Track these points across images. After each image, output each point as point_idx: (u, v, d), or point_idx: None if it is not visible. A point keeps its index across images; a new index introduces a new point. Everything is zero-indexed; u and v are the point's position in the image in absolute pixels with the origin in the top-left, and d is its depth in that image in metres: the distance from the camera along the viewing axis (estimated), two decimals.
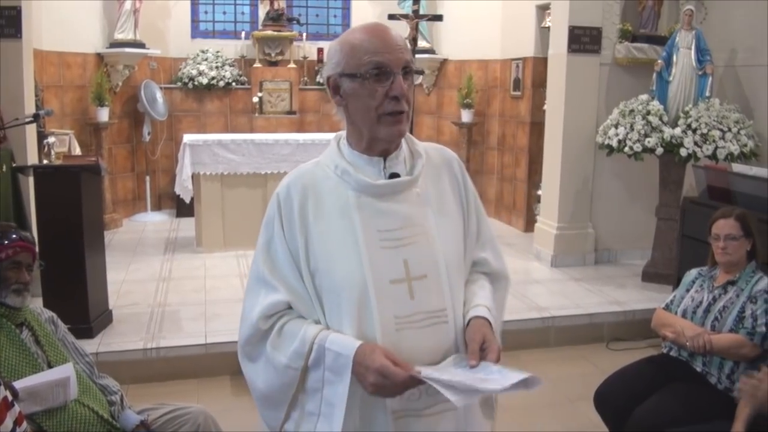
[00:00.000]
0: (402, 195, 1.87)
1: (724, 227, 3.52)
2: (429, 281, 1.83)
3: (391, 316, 1.79)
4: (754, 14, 6.49)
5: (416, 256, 1.84)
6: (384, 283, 1.80)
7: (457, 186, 2.01)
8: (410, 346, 1.78)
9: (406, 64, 1.80)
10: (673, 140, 6.11)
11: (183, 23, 9.74)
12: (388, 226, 1.84)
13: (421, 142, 2.03)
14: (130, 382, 4.45)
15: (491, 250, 2.06)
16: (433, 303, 1.83)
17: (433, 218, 1.89)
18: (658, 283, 6.41)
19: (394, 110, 1.79)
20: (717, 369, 3.35)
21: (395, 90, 1.78)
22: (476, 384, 1.66)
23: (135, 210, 9.31)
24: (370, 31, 1.82)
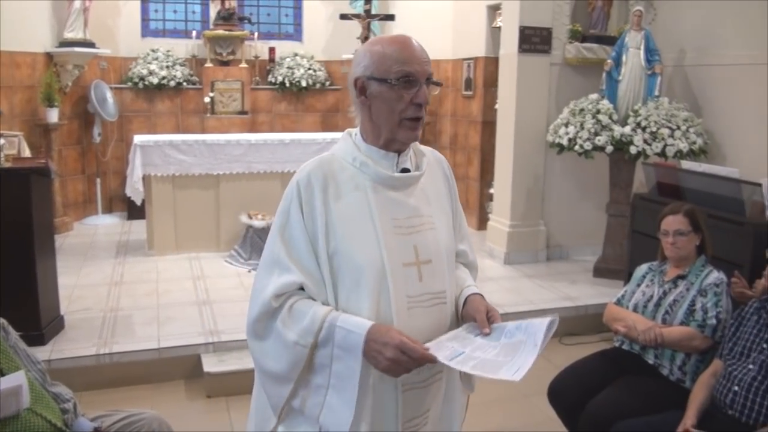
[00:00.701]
0: (410, 188, 2.09)
1: (673, 223, 3.59)
2: (433, 266, 2.05)
3: (404, 296, 1.98)
4: (702, 15, 6.63)
5: (423, 242, 2.05)
6: (398, 266, 1.99)
7: (447, 184, 2.24)
8: (418, 323, 1.99)
9: (430, 76, 2.01)
10: (622, 138, 6.21)
11: (133, 22, 9.60)
12: (401, 214, 2.04)
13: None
14: (83, 389, 4.38)
15: (468, 244, 2.31)
16: (437, 285, 2.05)
17: (434, 210, 2.12)
18: (609, 279, 6.52)
19: (415, 116, 1.99)
20: (669, 361, 3.42)
21: (419, 98, 1.97)
22: (515, 349, 1.88)
23: (86, 213, 9.15)
24: (400, 42, 2.02)
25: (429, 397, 2.08)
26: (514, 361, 1.84)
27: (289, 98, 10.05)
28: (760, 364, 2.89)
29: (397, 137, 2.01)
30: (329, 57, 10.24)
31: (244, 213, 7.12)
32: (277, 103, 10.00)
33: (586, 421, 3.28)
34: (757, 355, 2.93)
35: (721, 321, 3.32)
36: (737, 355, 3.03)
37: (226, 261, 7.05)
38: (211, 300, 5.84)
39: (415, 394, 2.04)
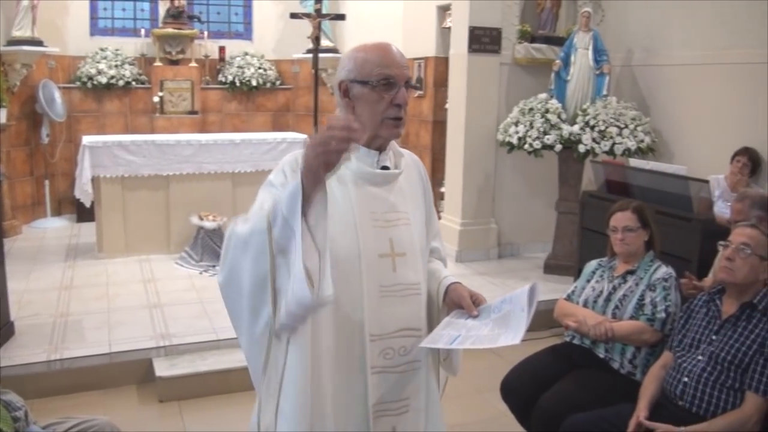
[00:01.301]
0: (389, 185, 2.20)
1: (622, 219, 3.65)
2: (407, 258, 2.17)
3: (377, 285, 2.11)
4: (649, 16, 6.77)
5: (399, 236, 2.17)
6: (373, 256, 2.11)
7: (422, 185, 2.35)
8: (390, 311, 2.12)
9: (408, 79, 2.13)
10: (571, 137, 6.30)
11: (82, 20, 9.45)
12: (379, 208, 2.16)
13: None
14: (34, 397, 4.27)
15: (440, 241, 2.46)
16: (410, 277, 2.17)
17: (409, 207, 2.23)
18: (560, 275, 6.60)
19: (396, 116, 2.11)
20: (619, 354, 3.47)
21: (399, 99, 2.09)
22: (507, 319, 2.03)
23: (35, 216, 8.95)
24: (382, 48, 2.14)
25: (406, 385, 2.18)
26: (509, 329, 1.99)
27: (240, 98, 9.99)
28: (709, 356, 2.95)
29: (380, 134, 2.12)
30: (280, 56, 10.20)
31: (194, 214, 7.06)
32: (228, 103, 9.93)
33: (538, 415, 3.31)
34: (706, 347, 2.99)
35: (670, 315, 3.39)
36: (687, 347, 3.09)
37: (177, 263, 6.97)
38: (162, 303, 5.78)
39: (386, 378, 2.13)
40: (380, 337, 2.11)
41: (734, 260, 2.99)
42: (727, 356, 2.90)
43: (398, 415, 2.18)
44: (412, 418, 2.20)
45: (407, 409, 2.19)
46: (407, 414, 2.19)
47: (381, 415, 2.14)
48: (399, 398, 2.17)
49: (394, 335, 2.13)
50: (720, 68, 6.04)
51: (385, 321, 2.11)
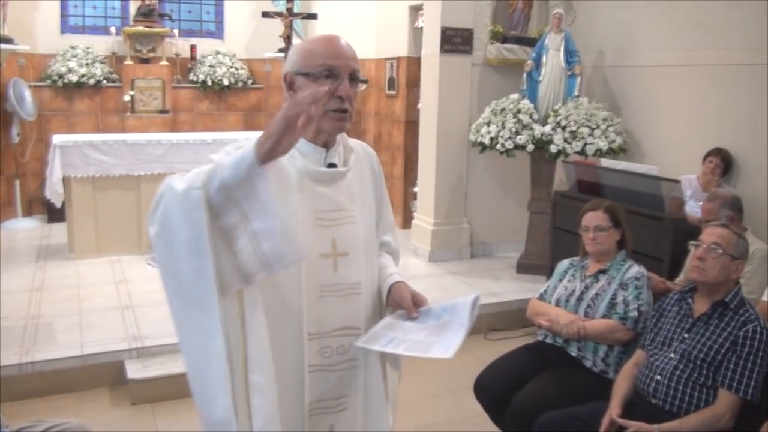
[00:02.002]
0: (336, 183, 2.16)
1: (594, 219, 3.69)
2: (350, 258, 2.15)
3: (317, 285, 2.09)
4: (620, 18, 6.83)
5: (342, 235, 2.14)
6: (314, 256, 2.08)
7: (374, 179, 2.34)
8: (328, 311, 2.11)
9: (353, 72, 2.08)
10: (543, 137, 6.35)
11: (52, 18, 9.32)
12: (323, 207, 2.13)
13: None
14: (5, 400, 4.23)
15: (392, 235, 2.45)
16: (352, 277, 2.15)
17: (357, 205, 2.20)
18: (532, 274, 6.65)
19: (338, 108, 2.05)
20: (592, 353, 3.50)
21: (340, 91, 2.03)
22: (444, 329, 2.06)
23: (4, 216, 8.81)
24: (327, 40, 2.12)
25: (345, 383, 2.17)
26: (444, 340, 2.00)
27: (211, 97, 9.93)
28: (681, 353, 2.99)
29: (324, 128, 2.08)
30: (251, 55, 10.15)
31: None
32: (199, 102, 9.87)
33: (512, 414, 3.33)
34: (678, 345, 3.03)
35: (642, 313, 3.43)
36: (659, 345, 3.13)
37: (149, 264, 6.91)
38: (134, 304, 5.73)
39: (324, 377, 2.13)
40: (318, 336, 2.10)
41: (706, 260, 3.03)
42: (700, 354, 2.94)
43: (336, 413, 2.18)
44: (350, 417, 2.19)
45: (345, 407, 2.19)
46: (345, 412, 2.19)
47: (318, 413, 2.14)
48: (337, 396, 2.17)
49: (332, 334, 2.12)
50: (692, 69, 6.11)
51: (324, 320, 2.10)
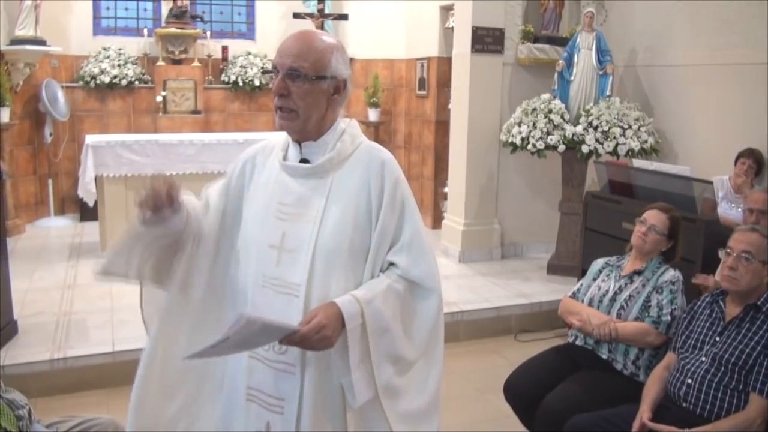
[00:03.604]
0: (309, 179, 2.15)
1: (655, 218, 3.61)
2: (295, 256, 2.09)
3: (261, 273, 2.12)
4: (653, 17, 6.76)
5: (294, 232, 2.11)
6: (264, 245, 2.13)
7: (376, 186, 2.14)
8: (267, 303, 2.09)
9: (290, 69, 2.05)
10: (574, 137, 6.30)
11: (85, 20, 9.42)
12: (285, 200, 2.14)
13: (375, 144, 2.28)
14: (37, 395, 4.30)
15: (407, 256, 2.16)
16: (292, 276, 2.08)
17: (329, 207, 2.11)
18: (563, 276, 6.60)
19: (277, 105, 2.09)
20: (622, 356, 3.46)
21: (274, 87, 2.09)
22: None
23: (38, 215, 8.95)
24: (290, 36, 2.12)
25: (281, 385, 2.10)
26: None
27: (243, 97, 9.97)
28: (713, 357, 2.94)
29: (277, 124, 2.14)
30: None
31: None
32: (230, 103, 9.92)
33: (541, 416, 3.31)
34: (710, 348, 2.99)
35: (675, 318, 3.37)
36: (690, 348, 3.09)
37: None
38: None
39: (262, 368, 2.13)
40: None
41: (737, 269, 2.98)
42: (731, 358, 2.90)
43: (272, 413, 2.13)
44: (286, 422, 2.10)
45: (281, 410, 2.11)
46: (282, 416, 2.11)
47: (257, 404, 2.15)
48: (273, 395, 2.12)
49: None
50: (724, 69, 6.04)
51: (262, 311, 2.05)
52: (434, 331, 2.21)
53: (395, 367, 2.13)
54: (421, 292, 2.18)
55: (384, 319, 2.08)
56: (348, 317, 2.00)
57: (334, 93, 2.14)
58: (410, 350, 2.16)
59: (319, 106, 2.12)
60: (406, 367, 2.15)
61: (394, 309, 2.11)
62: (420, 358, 2.19)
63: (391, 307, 2.10)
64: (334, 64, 2.10)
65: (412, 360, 2.16)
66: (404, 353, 2.14)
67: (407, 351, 2.15)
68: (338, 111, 2.21)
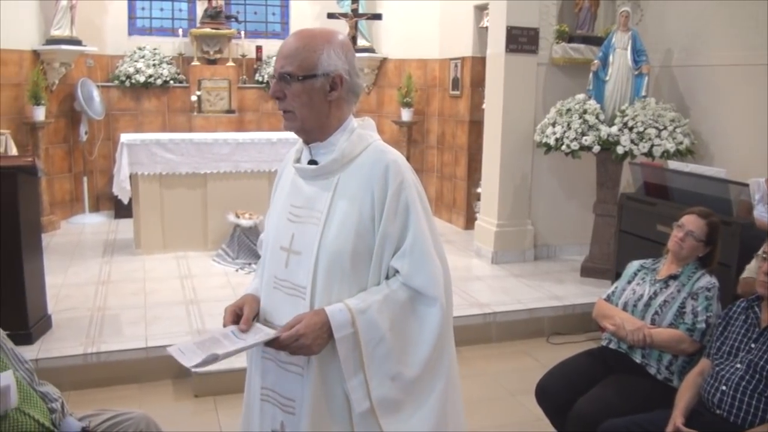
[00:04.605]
0: (317, 180, 2.15)
1: (693, 223, 3.54)
2: (302, 258, 2.11)
3: (273, 276, 2.18)
4: (689, 16, 6.66)
5: (301, 234, 2.13)
6: (276, 247, 2.18)
7: (379, 190, 2.07)
8: (278, 304, 2.16)
9: (281, 72, 2.06)
10: (609, 138, 6.24)
11: (120, 20, 9.56)
12: (296, 202, 2.17)
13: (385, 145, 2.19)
14: (70, 389, 4.38)
15: (409, 263, 2.07)
16: (299, 278, 2.10)
17: (334, 209, 2.10)
18: (597, 278, 6.54)
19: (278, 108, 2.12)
20: (656, 360, 3.42)
21: (269, 91, 2.14)
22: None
23: (73, 212, 9.10)
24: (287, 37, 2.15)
25: (291, 386, 2.12)
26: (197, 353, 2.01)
27: None
28: (748, 364, 2.90)
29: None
30: None
31: (231, 212, 7.11)
32: (265, 102, 9.97)
33: (573, 420, 3.28)
34: (745, 355, 2.95)
35: (710, 326, 3.32)
36: (725, 355, 3.04)
37: (214, 260, 7.03)
38: (199, 299, 5.83)
39: (275, 369, 2.17)
40: (270, 326, 2.14)
41: None
42: (767, 365, 2.85)
43: (285, 413, 2.16)
44: (298, 423, 2.11)
45: (293, 411, 2.13)
46: (294, 417, 2.13)
47: (271, 403, 2.19)
48: (285, 396, 2.15)
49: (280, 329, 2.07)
50: (761, 69, 5.93)
51: (275, 312, 2.16)
52: (438, 343, 2.11)
53: (393, 382, 2.06)
54: (423, 301, 2.09)
55: (379, 330, 2.04)
56: (336, 326, 2.00)
57: (331, 90, 2.07)
58: (411, 363, 2.08)
59: (316, 105, 2.07)
60: (406, 381, 2.08)
61: (392, 319, 2.05)
62: (423, 372, 2.10)
63: (389, 317, 2.05)
64: (324, 60, 2.04)
65: (413, 374, 2.08)
66: (404, 366, 2.07)
67: (407, 364, 2.08)
68: (345, 109, 2.14)
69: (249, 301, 2.22)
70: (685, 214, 3.63)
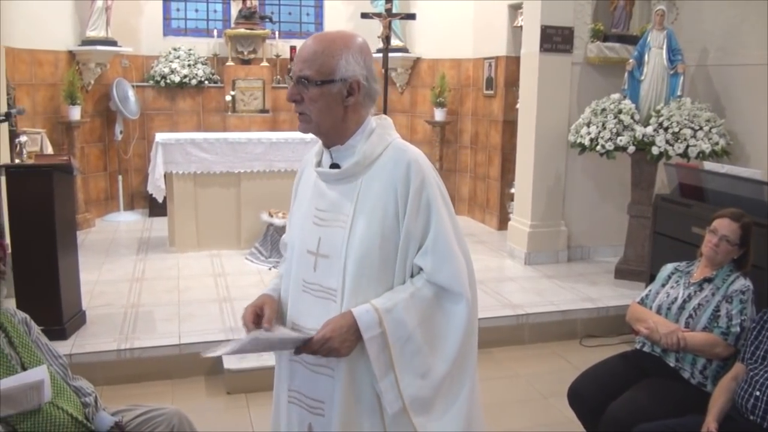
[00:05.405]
0: (340, 184, 2.15)
1: (726, 228, 3.50)
2: (330, 262, 2.11)
3: (301, 279, 2.18)
4: (725, 14, 6.58)
5: (328, 237, 2.13)
6: (302, 251, 2.18)
7: (401, 189, 2.07)
8: (306, 307, 2.16)
9: (299, 75, 2.06)
10: (644, 139, 6.17)
11: (155, 21, 9.66)
12: (321, 206, 2.17)
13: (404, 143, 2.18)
14: (104, 384, 4.44)
15: (432, 260, 2.07)
16: (329, 281, 2.11)
17: (358, 211, 2.09)
18: (631, 280, 6.47)
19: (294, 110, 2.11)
20: (690, 364, 3.38)
21: (287, 94, 2.13)
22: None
23: (108, 210, 9.23)
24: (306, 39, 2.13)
25: (320, 388, 2.14)
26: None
27: None
28: None
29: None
30: None
31: (264, 211, 7.14)
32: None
33: (606, 423, 3.25)
34: None
35: (745, 329, 3.28)
36: (759, 360, 3.00)
37: (247, 258, 7.07)
38: (232, 297, 5.87)
39: (302, 371, 2.18)
40: (299, 329, 2.15)
41: None
42: None
43: (314, 415, 2.17)
44: (327, 424, 2.13)
45: (322, 413, 2.14)
46: (323, 419, 2.14)
47: (299, 406, 2.21)
48: (313, 397, 2.17)
49: (309, 331, 2.08)
50: None
51: (303, 315, 2.15)
52: (465, 339, 2.11)
53: (423, 380, 2.07)
54: (449, 298, 2.09)
55: (406, 328, 2.04)
56: (364, 327, 2.01)
57: (348, 95, 2.06)
58: (440, 361, 2.09)
59: (332, 110, 2.07)
60: (436, 379, 2.08)
61: (419, 317, 2.06)
62: (452, 369, 2.10)
63: (416, 315, 2.05)
64: (342, 66, 2.03)
65: (442, 371, 2.09)
66: (432, 364, 2.08)
67: (435, 361, 2.09)
68: (363, 113, 2.14)
69: (269, 302, 2.23)
70: (716, 217, 3.58)
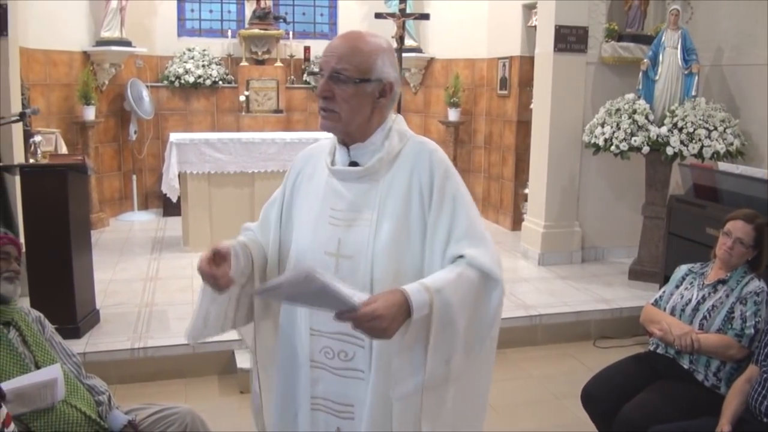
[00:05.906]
0: (355, 182, 2.10)
1: (740, 230, 3.47)
2: (354, 262, 2.04)
3: None
4: (740, 14, 6.53)
5: (350, 238, 2.06)
6: (320, 253, 2.08)
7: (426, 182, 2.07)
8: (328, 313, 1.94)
9: (333, 70, 2.01)
10: (659, 139, 6.14)
11: (169, 21, 9.69)
12: (337, 206, 2.10)
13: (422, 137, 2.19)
14: (117, 382, 4.46)
15: (470, 245, 2.02)
16: (355, 281, 1.99)
17: (381, 210, 2.06)
18: (645, 281, 6.44)
19: (321, 107, 2.06)
20: (704, 366, 3.36)
21: (318, 89, 2.06)
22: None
23: (122, 209, 9.27)
24: (337, 36, 2.11)
25: (349, 391, 2.10)
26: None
27: None
28: None
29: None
30: None
31: None
32: (312, 102, 10.01)
33: (619, 425, 3.24)
34: None
35: (759, 331, 3.26)
36: None
37: None
38: None
39: (327, 377, 2.12)
40: (320, 334, 2.10)
41: None
42: None
43: (343, 419, 2.14)
44: (357, 427, 2.09)
45: (352, 416, 2.11)
46: (353, 421, 2.11)
47: (324, 412, 2.16)
48: (342, 402, 2.12)
49: (332, 336, 2.07)
50: None
51: (325, 319, 1.98)
52: (491, 327, 2.09)
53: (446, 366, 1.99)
54: (489, 283, 2.04)
55: (451, 311, 1.94)
56: (417, 306, 1.86)
57: (380, 96, 2.06)
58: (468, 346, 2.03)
59: (363, 109, 2.05)
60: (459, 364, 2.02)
61: (463, 300, 1.97)
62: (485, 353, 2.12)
63: (461, 297, 1.96)
64: (379, 66, 2.03)
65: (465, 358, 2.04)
66: (460, 349, 2.01)
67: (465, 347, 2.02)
68: (386, 114, 2.13)
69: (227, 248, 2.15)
70: (729, 219, 3.55)
